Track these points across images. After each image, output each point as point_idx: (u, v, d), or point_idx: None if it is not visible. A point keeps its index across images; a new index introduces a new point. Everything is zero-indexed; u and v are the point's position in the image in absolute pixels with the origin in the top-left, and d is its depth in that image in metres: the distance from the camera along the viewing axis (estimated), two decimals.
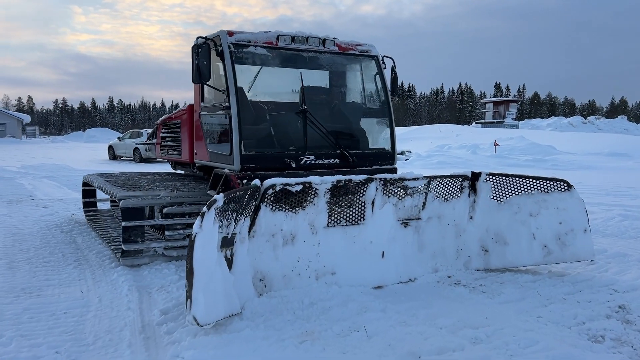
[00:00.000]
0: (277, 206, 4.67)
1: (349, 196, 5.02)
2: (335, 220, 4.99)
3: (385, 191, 5.18)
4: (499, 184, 5.65)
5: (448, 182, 5.54)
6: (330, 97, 6.73)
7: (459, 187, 5.62)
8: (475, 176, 5.67)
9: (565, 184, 5.50)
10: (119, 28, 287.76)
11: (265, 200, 4.58)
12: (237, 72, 5.79)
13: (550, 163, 22.95)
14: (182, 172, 8.73)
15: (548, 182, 5.53)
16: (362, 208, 5.09)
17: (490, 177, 5.64)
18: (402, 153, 28.05)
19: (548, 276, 5.39)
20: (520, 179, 5.60)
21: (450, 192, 5.59)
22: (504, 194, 5.67)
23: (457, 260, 5.66)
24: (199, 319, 3.55)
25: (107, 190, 7.04)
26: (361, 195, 5.05)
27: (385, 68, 6.74)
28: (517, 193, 5.63)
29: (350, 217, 5.06)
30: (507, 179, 5.63)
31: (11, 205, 10.80)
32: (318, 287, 4.83)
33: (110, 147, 29.40)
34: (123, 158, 28.24)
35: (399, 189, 5.28)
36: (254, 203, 4.47)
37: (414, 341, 3.76)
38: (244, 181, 5.55)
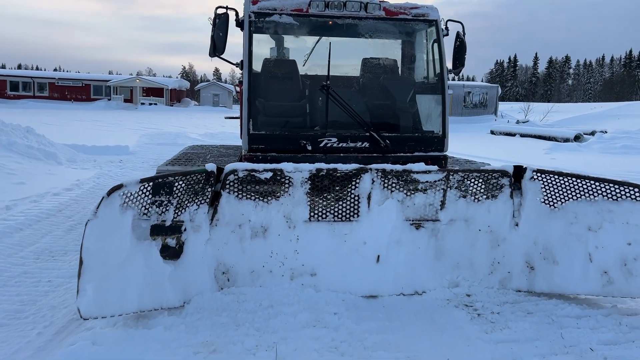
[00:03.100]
0: (244, 194, 4.19)
1: (337, 188, 4.30)
2: (320, 214, 4.32)
3: (385, 185, 4.32)
4: (551, 185, 4.34)
5: (478, 178, 4.42)
6: (368, 71, 5.87)
7: (495, 185, 4.45)
8: (519, 172, 4.43)
9: None
10: None
11: (227, 186, 4.13)
12: (263, 42, 5.34)
13: None
14: None
15: (617, 186, 4.08)
16: (356, 203, 4.32)
17: (539, 174, 4.35)
18: (592, 133, 24.43)
19: (604, 313, 4.01)
20: (580, 180, 4.22)
21: (482, 190, 4.46)
22: (558, 198, 4.34)
23: (490, 276, 4.53)
24: (82, 311, 3.30)
25: None
26: (353, 187, 4.29)
27: (447, 35, 5.63)
28: (575, 198, 4.27)
29: (340, 212, 4.33)
30: (562, 178, 4.29)
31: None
32: (290, 288, 4.26)
33: None
34: None
35: (406, 183, 4.36)
36: (210, 189, 4.05)
37: None
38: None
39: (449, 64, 5.63)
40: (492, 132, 28.09)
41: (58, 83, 56.50)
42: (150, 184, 3.64)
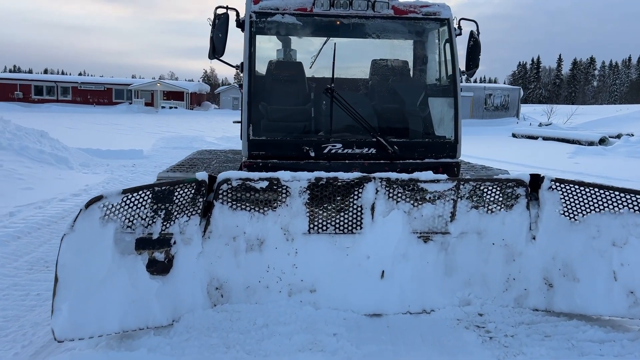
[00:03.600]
0: (239, 205, 3.93)
1: (339, 198, 4.01)
2: (320, 226, 4.03)
3: (390, 194, 4.02)
4: (571, 195, 3.99)
5: (492, 188, 4.09)
6: (377, 74, 5.56)
7: (510, 195, 4.12)
8: (536, 181, 4.09)
9: None
10: None
11: (220, 196, 3.87)
12: (266, 43, 5.09)
13: None
14: None
15: None
16: (359, 214, 4.03)
17: (558, 184, 4.01)
18: (618, 136, 23.65)
19: (630, 337, 3.64)
20: (603, 191, 3.87)
21: (496, 200, 4.13)
22: (578, 210, 3.99)
23: (505, 293, 4.20)
24: (56, 333, 3.07)
25: None
26: (355, 197, 4.00)
27: (460, 34, 5.31)
28: (597, 210, 3.91)
29: (342, 224, 4.04)
30: (583, 188, 3.93)
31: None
32: (288, 305, 3.98)
33: None
34: None
35: (413, 193, 4.05)
36: (201, 200, 3.80)
37: None
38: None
39: (462, 66, 5.29)
40: (514, 135, 27.46)
41: (81, 87, 57.28)
42: (134, 195, 3.40)
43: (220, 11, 5.02)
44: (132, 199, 3.40)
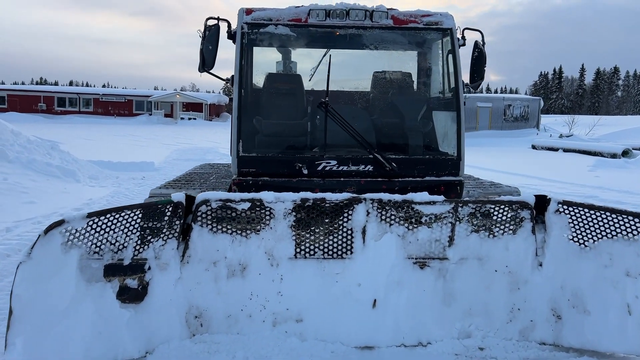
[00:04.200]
0: (219, 227, 3.68)
1: (327, 220, 3.73)
2: (307, 250, 3.76)
3: (383, 217, 3.73)
4: (580, 219, 3.65)
5: (494, 210, 3.78)
6: (377, 86, 5.29)
7: (514, 218, 3.80)
8: (542, 204, 3.76)
9: None
10: None
11: (199, 218, 3.63)
12: (258, 55, 4.86)
13: None
14: None
15: None
16: (349, 238, 3.75)
17: (566, 207, 3.67)
18: None
19: None
20: (615, 215, 3.52)
21: (499, 224, 3.81)
22: (589, 235, 3.65)
23: (509, 325, 3.86)
24: None
25: None
26: (345, 220, 3.72)
27: (463, 45, 5.01)
28: (610, 236, 3.57)
29: (331, 248, 3.77)
30: (594, 212, 3.59)
31: None
32: (272, 336, 3.70)
33: None
34: None
35: (407, 215, 3.76)
36: (178, 222, 3.56)
37: None
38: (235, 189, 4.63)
39: (465, 78, 5.00)
40: (534, 147, 26.83)
41: (102, 99, 58.07)
42: (101, 218, 3.17)
43: (211, 22, 4.82)
44: (99, 223, 3.17)
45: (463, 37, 5.02)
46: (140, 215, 3.36)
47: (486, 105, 33.22)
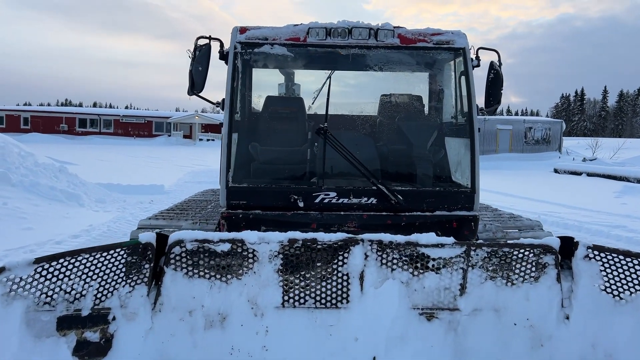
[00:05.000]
0: (196, 271, 3.23)
1: (319, 264, 3.26)
2: (297, 298, 3.29)
3: (384, 261, 3.25)
4: (615, 267, 3.13)
5: (512, 255, 3.27)
6: (383, 111, 4.84)
7: (535, 264, 3.28)
8: (569, 247, 3.24)
9: None
10: None
11: (173, 261, 3.19)
12: (253, 76, 4.47)
13: None
14: None
15: None
16: (345, 284, 3.28)
17: (597, 252, 3.15)
18: None
19: None
20: None
21: (518, 270, 3.30)
22: (625, 286, 3.12)
23: None
24: None
25: None
26: (340, 264, 3.25)
27: (478, 66, 4.56)
28: None
29: (324, 296, 3.29)
30: (631, 260, 3.06)
31: None
32: None
33: None
34: None
35: (412, 259, 3.27)
36: (148, 266, 3.12)
37: None
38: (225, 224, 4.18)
39: (480, 101, 4.53)
40: (556, 171, 26.03)
41: (122, 120, 58.72)
42: (52, 264, 2.75)
43: (202, 42, 4.45)
44: (50, 269, 2.75)
45: (477, 58, 4.56)
46: (101, 260, 2.93)
47: (506, 128, 32.53)
